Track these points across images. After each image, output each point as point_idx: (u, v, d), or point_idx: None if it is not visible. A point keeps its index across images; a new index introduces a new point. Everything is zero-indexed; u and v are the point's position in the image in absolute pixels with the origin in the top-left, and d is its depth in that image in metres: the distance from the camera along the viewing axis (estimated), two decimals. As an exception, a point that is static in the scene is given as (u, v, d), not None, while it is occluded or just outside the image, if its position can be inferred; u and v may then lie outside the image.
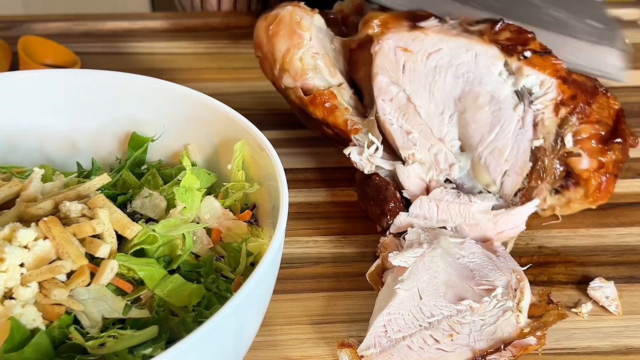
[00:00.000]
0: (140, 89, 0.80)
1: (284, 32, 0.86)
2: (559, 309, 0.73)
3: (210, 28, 1.27)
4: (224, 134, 0.78)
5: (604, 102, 0.84)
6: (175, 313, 0.64)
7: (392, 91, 0.86)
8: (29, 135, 0.82)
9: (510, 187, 0.84)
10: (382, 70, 0.86)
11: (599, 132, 0.83)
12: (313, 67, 0.86)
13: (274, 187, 0.70)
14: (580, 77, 0.84)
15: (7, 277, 0.61)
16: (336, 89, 0.87)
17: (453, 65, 0.84)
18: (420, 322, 0.71)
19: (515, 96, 0.83)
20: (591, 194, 0.85)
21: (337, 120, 0.85)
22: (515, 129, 0.83)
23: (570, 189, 0.85)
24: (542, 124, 0.82)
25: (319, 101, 0.85)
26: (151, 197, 0.73)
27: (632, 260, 0.83)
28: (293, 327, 0.75)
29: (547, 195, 0.85)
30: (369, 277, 0.77)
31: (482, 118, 0.83)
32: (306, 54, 0.86)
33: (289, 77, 0.87)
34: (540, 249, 0.84)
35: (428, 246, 0.76)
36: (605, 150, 0.83)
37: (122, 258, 0.65)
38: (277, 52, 0.87)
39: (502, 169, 0.84)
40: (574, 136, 0.82)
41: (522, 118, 0.82)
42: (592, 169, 0.84)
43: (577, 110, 0.82)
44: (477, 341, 0.69)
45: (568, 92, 0.82)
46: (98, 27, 1.27)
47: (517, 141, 0.83)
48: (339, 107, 0.85)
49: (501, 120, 0.83)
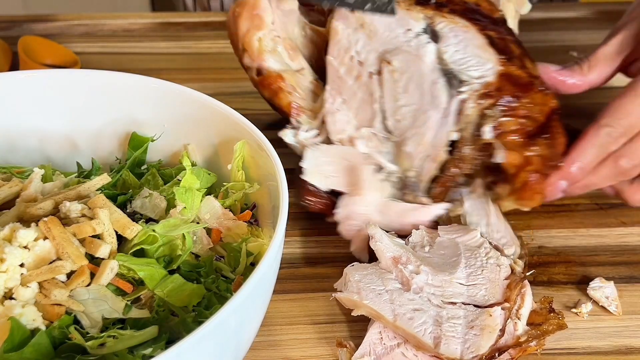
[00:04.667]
0: (140, 89, 0.80)
1: (247, 13, 0.88)
2: (560, 319, 0.72)
3: (210, 28, 1.27)
4: (224, 134, 0.78)
5: (539, 99, 0.82)
6: (175, 313, 0.64)
7: (341, 73, 0.86)
8: (29, 135, 0.82)
9: (425, 174, 0.82)
10: (331, 53, 0.87)
11: (526, 127, 0.81)
12: (271, 50, 0.88)
13: (274, 187, 0.70)
14: (517, 71, 0.82)
15: (7, 277, 0.61)
16: (290, 73, 0.88)
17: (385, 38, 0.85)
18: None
19: (445, 83, 0.82)
20: (516, 191, 0.83)
21: (281, 102, 0.87)
22: (439, 115, 0.82)
23: (499, 185, 0.84)
24: (464, 113, 0.81)
25: (267, 82, 0.87)
26: (151, 197, 0.73)
27: (632, 260, 0.83)
28: (293, 327, 0.75)
29: (481, 190, 0.85)
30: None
31: (411, 101, 0.83)
32: (266, 36, 0.87)
33: (248, 57, 0.88)
34: (540, 249, 0.84)
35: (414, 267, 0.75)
36: (530, 144, 0.81)
37: (122, 258, 0.65)
38: (240, 33, 0.89)
39: (420, 155, 0.82)
40: (496, 128, 0.80)
41: (447, 105, 0.81)
42: (518, 165, 0.81)
43: (502, 102, 0.80)
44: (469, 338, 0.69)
45: (494, 84, 0.81)
46: (98, 27, 1.27)
47: (438, 128, 0.82)
48: (284, 89, 0.87)
49: (427, 106, 0.82)
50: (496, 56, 0.82)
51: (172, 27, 1.28)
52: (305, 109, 0.87)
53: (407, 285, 0.72)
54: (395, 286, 0.72)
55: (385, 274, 0.74)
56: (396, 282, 0.73)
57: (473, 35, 0.83)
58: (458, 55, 0.82)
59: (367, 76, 0.85)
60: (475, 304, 0.71)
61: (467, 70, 0.81)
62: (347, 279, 0.73)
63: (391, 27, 0.85)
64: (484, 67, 0.81)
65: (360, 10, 0.83)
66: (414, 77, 0.83)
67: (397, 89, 0.83)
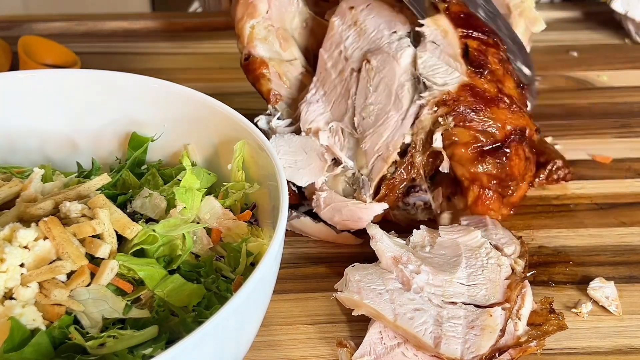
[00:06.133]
0: (140, 89, 0.80)
1: (243, 1, 0.91)
2: (560, 319, 0.72)
3: (210, 28, 1.27)
4: (224, 134, 0.78)
5: (502, 116, 0.81)
6: (175, 313, 0.64)
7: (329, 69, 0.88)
8: (29, 135, 0.82)
9: (376, 173, 0.83)
10: (324, 47, 0.90)
11: (479, 142, 0.80)
12: (263, 38, 0.90)
13: (274, 187, 0.70)
14: (484, 85, 0.81)
15: (7, 277, 0.61)
16: (278, 61, 0.89)
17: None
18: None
19: (411, 87, 0.83)
20: (470, 205, 0.83)
21: (262, 88, 0.89)
22: (398, 117, 0.82)
23: (456, 197, 0.84)
24: (420, 118, 0.81)
25: (251, 68, 0.89)
26: (151, 197, 0.73)
27: (632, 260, 0.83)
28: (293, 327, 0.75)
29: (442, 200, 0.85)
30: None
31: (378, 100, 0.84)
32: (260, 24, 0.90)
33: (240, 42, 0.91)
34: (540, 249, 0.84)
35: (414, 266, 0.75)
36: (479, 160, 0.80)
37: (122, 258, 0.65)
38: (236, 19, 0.92)
39: (374, 154, 0.83)
40: (446, 137, 0.80)
41: (407, 108, 0.82)
42: (468, 178, 0.81)
43: (456, 111, 0.80)
44: (469, 337, 0.69)
45: (453, 93, 0.80)
46: (98, 27, 1.27)
47: (395, 130, 0.82)
48: (266, 76, 0.88)
49: (390, 107, 0.83)
50: (465, 67, 0.82)
51: (172, 27, 1.28)
52: (287, 98, 0.89)
53: (407, 285, 0.72)
54: (395, 286, 0.72)
55: (385, 274, 0.74)
56: (397, 281, 0.73)
57: (450, 42, 0.83)
58: (431, 61, 0.83)
59: (349, 72, 0.86)
60: (476, 304, 0.71)
61: (433, 77, 0.82)
62: (348, 279, 0.73)
63: (380, 28, 0.87)
64: (450, 75, 0.82)
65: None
66: (386, 78, 0.84)
67: (369, 87, 0.84)
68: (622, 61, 1.21)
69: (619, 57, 1.23)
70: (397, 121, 0.82)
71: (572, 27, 1.32)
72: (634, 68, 1.19)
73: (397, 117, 0.82)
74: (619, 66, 1.20)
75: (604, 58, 1.22)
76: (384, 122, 0.82)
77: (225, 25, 1.25)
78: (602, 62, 1.21)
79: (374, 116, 0.83)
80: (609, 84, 1.15)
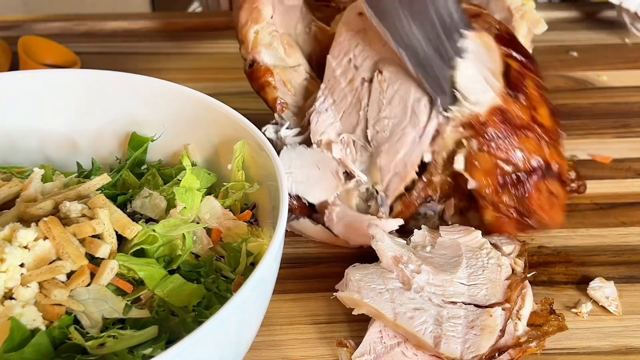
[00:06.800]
0: (140, 89, 0.80)
1: (247, 6, 0.89)
2: (560, 320, 0.72)
3: (210, 28, 1.27)
4: (224, 134, 0.78)
5: (529, 146, 0.78)
6: (175, 313, 0.64)
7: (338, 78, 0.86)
8: (29, 135, 0.82)
9: (392, 190, 0.82)
10: (332, 53, 0.88)
11: (504, 169, 0.77)
12: (267, 44, 0.88)
13: (274, 187, 0.70)
14: (517, 111, 0.78)
15: (7, 277, 0.61)
16: (283, 68, 0.88)
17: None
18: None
19: (428, 102, 0.80)
20: (484, 224, 0.81)
21: (267, 97, 0.88)
22: (415, 134, 0.80)
23: (470, 212, 0.83)
24: (441, 136, 0.79)
25: (255, 76, 0.88)
26: (151, 197, 0.73)
27: (632, 260, 0.83)
28: (293, 327, 0.75)
29: (453, 211, 0.83)
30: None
31: (392, 114, 0.81)
32: (264, 29, 0.88)
33: (244, 48, 0.89)
34: (540, 249, 0.84)
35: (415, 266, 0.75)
36: (498, 191, 0.78)
37: (122, 258, 0.65)
38: (240, 24, 0.90)
39: (390, 171, 0.81)
40: (468, 160, 0.78)
41: (425, 125, 0.79)
42: (485, 202, 0.79)
43: (481, 136, 0.77)
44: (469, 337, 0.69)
45: (483, 116, 0.77)
46: (98, 27, 1.27)
47: (412, 147, 0.80)
48: (271, 84, 0.87)
49: (406, 123, 0.80)
50: (502, 86, 0.79)
51: (172, 27, 1.27)
52: (292, 106, 0.88)
53: (408, 285, 0.72)
54: (396, 285, 0.72)
55: (386, 274, 0.74)
56: (397, 281, 0.73)
57: (492, 57, 0.80)
58: (471, 71, 0.79)
59: (360, 82, 0.84)
60: (476, 304, 0.71)
61: (466, 91, 0.78)
62: (348, 278, 0.73)
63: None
64: (484, 95, 0.78)
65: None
66: (400, 91, 0.82)
67: (382, 99, 0.82)
68: (622, 61, 1.21)
69: (619, 57, 1.23)
70: (415, 138, 0.80)
71: (572, 27, 1.32)
72: (634, 68, 1.19)
73: (415, 134, 0.80)
74: (619, 66, 1.20)
75: (604, 58, 1.22)
76: (401, 139, 0.80)
77: (225, 25, 1.25)
78: (602, 62, 1.21)
79: (388, 131, 0.81)
80: (609, 84, 1.15)
